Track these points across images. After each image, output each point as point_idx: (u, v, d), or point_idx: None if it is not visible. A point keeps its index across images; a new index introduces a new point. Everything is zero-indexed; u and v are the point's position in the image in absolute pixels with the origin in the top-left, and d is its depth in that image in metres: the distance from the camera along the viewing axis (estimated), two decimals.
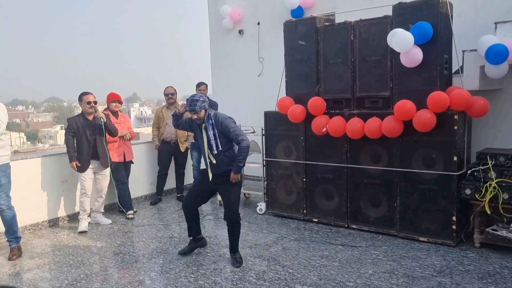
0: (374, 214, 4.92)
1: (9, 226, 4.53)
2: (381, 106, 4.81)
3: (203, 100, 3.98)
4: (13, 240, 4.59)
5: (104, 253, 4.61)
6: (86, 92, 5.37)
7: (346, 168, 5.05)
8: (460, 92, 4.27)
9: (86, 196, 5.41)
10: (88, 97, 5.30)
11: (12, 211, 4.52)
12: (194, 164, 7.06)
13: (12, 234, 4.57)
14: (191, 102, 3.95)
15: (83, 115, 5.33)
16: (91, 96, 5.31)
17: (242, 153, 4.02)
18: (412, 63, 4.39)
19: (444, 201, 4.43)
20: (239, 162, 4.03)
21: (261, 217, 5.78)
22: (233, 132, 4.01)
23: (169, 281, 3.86)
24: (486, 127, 5.06)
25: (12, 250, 4.56)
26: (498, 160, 4.33)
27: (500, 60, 4.29)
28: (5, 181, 4.41)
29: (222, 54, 8.52)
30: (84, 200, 5.41)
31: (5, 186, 4.43)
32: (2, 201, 4.42)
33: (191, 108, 3.95)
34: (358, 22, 4.88)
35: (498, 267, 3.93)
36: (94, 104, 5.29)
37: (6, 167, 4.44)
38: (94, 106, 5.28)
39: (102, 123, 5.28)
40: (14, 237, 4.58)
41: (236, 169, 4.03)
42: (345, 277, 3.83)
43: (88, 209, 5.47)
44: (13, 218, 4.54)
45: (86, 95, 5.32)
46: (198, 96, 3.99)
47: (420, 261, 4.11)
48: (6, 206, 4.45)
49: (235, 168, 4.03)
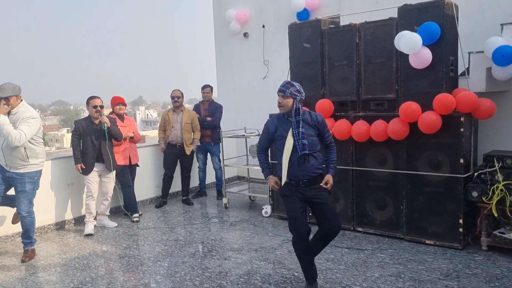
0: (380, 217, 4.90)
1: (26, 231, 4.57)
2: (387, 109, 4.79)
3: (298, 90, 3.52)
4: (28, 243, 4.63)
5: (110, 256, 4.62)
6: (94, 96, 5.41)
7: (352, 171, 5.03)
8: (466, 94, 4.25)
9: (92, 199, 5.44)
10: (94, 101, 5.34)
11: (31, 218, 4.56)
12: (200, 166, 7.08)
13: (28, 239, 4.62)
14: (286, 84, 3.55)
15: (90, 119, 5.37)
16: (97, 100, 5.35)
17: (335, 156, 3.69)
18: (422, 64, 4.36)
19: (450, 204, 4.39)
20: (335, 162, 3.68)
21: (266, 220, 5.76)
22: (328, 131, 3.66)
23: (174, 284, 3.86)
24: (492, 129, 5.03)
25: (26, 252, 4.60)
26: (505, 162, 4.30)
27: (507, 61, 4.26)
28: (29, 188, 4.47)
29: (227, 57, 8.55)
30: (90, 203, 5.43)
31: (28, 193, 4.48)
32: (23, 207, 4.47)
33: (281, 88, 3.52)
34: (363, 24, 4.87)
35: (506, 271, 3.89)
36: (100, 109, 5.33)
37: (35, 174, 4.51)
38: (100, 110, 5.31)
39: (106, 128, 5.30)
40: (30, 241, 4.63)
41: (333, 171, 3.64)
42: (351, 280, 3.80)
43: (94, 212, 5.49)
44: (32, 224, 4.58)
45: (93, 99, 5.36)
46: (296, 84, 3.56)
47: (426, 264, 4.08)
48: (26, 213, 4.50)
49: (332, 170, 3.63)
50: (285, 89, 3.50)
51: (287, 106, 3.51)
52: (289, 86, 3.52)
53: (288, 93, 3.49)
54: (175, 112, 6.59)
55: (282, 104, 3.52)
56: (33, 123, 4.38)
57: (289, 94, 3.49)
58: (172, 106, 6.67)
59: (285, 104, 3.51)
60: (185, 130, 6.51)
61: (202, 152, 6.98)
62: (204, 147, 6.92)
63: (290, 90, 3.49)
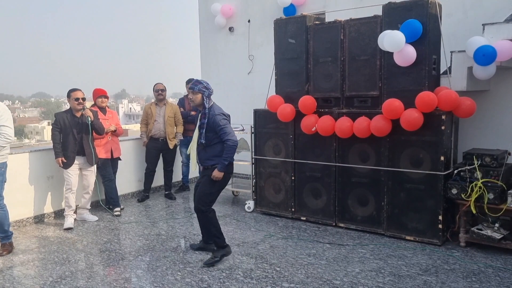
0: (362, 213, 4.95)
1: (1, 225, 4.45)
2: (370, 106, 4.83)
3: (206, 86, 4.07)
4: (4, 237, 4.52)
5: (90, 250, 4.56)
6: (75, 89, 5.31)
7: (335, 167, 5.06)
8: (448, 93, 4.31)
9: (71, 192, 5.35)
10: (76, 93, 5.24)
11: (3, 211, 4.44)
12: (183, 160, 7.04)
13: (3, 232, 4.50)
14: (195, 81, 4.08)
15: (71, 112, 5.27)
16: (79, 93, 5.25)
17: (228, 152, 4.03)
18: (406, 62, 4.40)
19: (430, 201, 4.46)
20: (224, 160, 4.02)
21: (249, 215, 5.77)
22: (221, 129, 4.02)
23: (155, 278, 3.83)
24: (472, 128, 5.12)
25: (3, 246, 4.51)
26: (484, 160, 4.38)
27: (488, 61, 4.33)
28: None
29: (212, 51, 8.49)
30: (69, 196, 5.35)
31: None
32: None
33: (191, 86, 4.07)
34: (348, 21, 4.89)
35: (483, 266, 3.97)
36: (83, 101, 5.24)
37: (0, 166, 4.38)
38: (82, 103, 5.22)
39: (89, 122, 5.22)
40: (5, 235, 4.52)
41: (220, 167, 4.02)
42: (332, 275, 3.84)
43: (73, 205, 5.40)
44: (4, 217, 4.46)
45: (74, 92, 5.26)
46: (204, 81, 4.10)
47: (406, 260, 4.14)
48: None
49: (220, 165, 4.02)
50: (194, 86, 4.06)
51: (196, 101, 4.08)
52: (197, 83, 4.06)
53: (197, 89, 4.04)
54: (157, 106, 6.53)
55: (193, 99, 4.09)
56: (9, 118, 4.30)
57: (197, 90, 4.04)
58: (155, 99, 6.61)
59: (195, 99, 4.07)
60: (168, 124, 6.46)
61: (186, 147, 6.93)
62: (188, 142, 6.85)
63: (198, 87, 4.04)
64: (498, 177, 4.24)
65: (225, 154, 4.03)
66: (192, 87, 4.06)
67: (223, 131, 4.02)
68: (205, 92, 4.05)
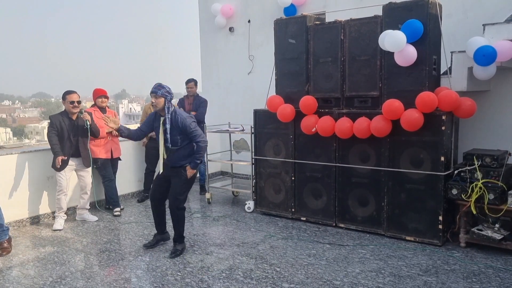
0: (362, 213, 4.94)
1: None
2: (370, 106, 4.82)
3: (168, 91, 4.15)
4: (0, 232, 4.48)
5: (90, 251, 4.56)
6: (70, 91, 5.26)
7: (335, 167, 5.06)
8: (448, 93, 4.30)
9: (63, 194, 5.29)
10: (71, 96, 5.19)
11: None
12: None
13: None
14: (157, 86, 4.15)
15: (67, 114, 5.23)
16: (74, 96, 5.20)
17: (200, 152, 4.21)
18: (407, 62, 4.39)
19: (431, 201, 4.46)
20: (196, 159, 4.21)
21: (249, 215, 5.76)
22: (192, 132, 4.17)
23: (155, 279, 3.83)
24: (473, 128, 5.12)
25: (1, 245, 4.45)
26: (484, 161, 4.37)
27: (488, 61, 4.32)
28: None
29: (212, 51, 8.49)
30: (61, 198, 5.29)
31: None
32: None
33: (153, 90, 4.13)
34: (348, 21, 4.88)
35: (483, 267, 3.97)
36: (78, 104, 5.19)
37: None
38: (77, 106, 5.18)
39: (88, 125, 5.20)
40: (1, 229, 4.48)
41: (193, 165, 4.23)
42: (332, 275, 3.83)
43: (64, 207, 5.35)
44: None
45: (70, 95, 5.20)
46: (165, 86, 4.18)
47: (406, 260, 4.14)
48: None
49: (193, 164, 4.22)
50: (157, 90, 4.11)
51: (159, 105, 4.14)
52: (159, 88, 4.11)
53: (160, 93, 4.09)
54: None
55: (155, 104, 4.13)
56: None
57: (160, 94, 4.09)
58: None
59: (158, 103, 4.12)
60: None
61: None
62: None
63: (162, 91, 4.10)
64: (498, 178, 4.23)
65: (197, 154, 4.21)
66: (154, 91, 4.12)
67: (194, 133, 4.17)
68: (167, 97, 4.14)
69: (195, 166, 4.25)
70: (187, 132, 4.17)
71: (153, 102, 4.14)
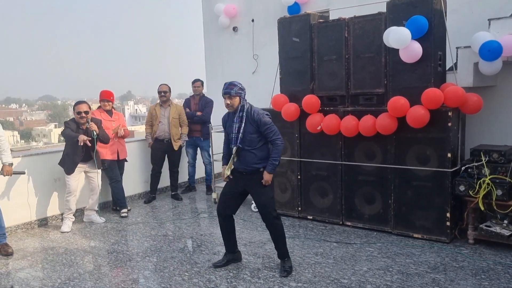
0: (369, 211, 4.93)
1: None
2: (376, 103, 4.80)
3: (241, 87, 3.77)
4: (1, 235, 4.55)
5: (98, 252, 4.58)
6: (80, 102, 5.31)
7: (341, 165, 5.04)
8: (454, 89, 4.28)
9: (71, 195, 5.32)
10: (79, 107, 5.20)
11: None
12: (189, 161, 7.04)
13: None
14: (228, 86, 3.76)
15: (77, 122, 5.28)
16: (82, 106, 5.21)
17: (277, 152, 3.77)
18: (412, 58, 4.37)
19: (438, 198, 4.43)
20: (274, 161, 3.76)
21: (256, 214, 5.76)
22: (269, 128, 3.75)
23: (163, 279, 3.84)
24: (480, 124, 5.08)
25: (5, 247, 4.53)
26: (491, 157, 4.34)
27: (494, 56, 4.29)
28: None
29: (216, 51, 8.49)
30: (70, 200, 5.33)
31: None
32: None
33: (226, 91, 3.74)
34: (352, 19, 4.87)
35: (492, 263, 3.94)
36: (85, 114, 5.19)
37: None
38: (85, 117, 5.19)
39: (95, 136, 5.23)
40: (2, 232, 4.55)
41: (270, 168, 3.76)
42: (340, 274, 3.82)
43: (73, 209, 5.39)
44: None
45: (78, 105, 5.24)
46: (237, 82, 3.79)
47: (414, 258, 4.12)
48: None
49: (269, 167, 3.76)
50: (230, 90, 3.74)
51: (235, 105, 3.78)
52: (232, 87, 3.75)
53: (234, 92, 3.73)
54: (162, 107, 6.53)
55: (231, 105, 3.78)
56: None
57: (234, 93, 3.73)
58: (159, 101, 6.62)
59: (233, 103, 3.77)
60: (172, 125, 6.46)
61: (192, 147, 6.95)
62: (194, 142, 6.88)
63: (235, 89, 3.74)
64: (506, 173, 4.20)
65: (274, 155, 3.77)
66: (227, 91, 3.73)
67: (272, 130, 3.76)
68: (241, 94, 3.78)
69: (272, 170, 3.76)
70: (263, 129, 3.74)
71: (228, 103, 3.76)
